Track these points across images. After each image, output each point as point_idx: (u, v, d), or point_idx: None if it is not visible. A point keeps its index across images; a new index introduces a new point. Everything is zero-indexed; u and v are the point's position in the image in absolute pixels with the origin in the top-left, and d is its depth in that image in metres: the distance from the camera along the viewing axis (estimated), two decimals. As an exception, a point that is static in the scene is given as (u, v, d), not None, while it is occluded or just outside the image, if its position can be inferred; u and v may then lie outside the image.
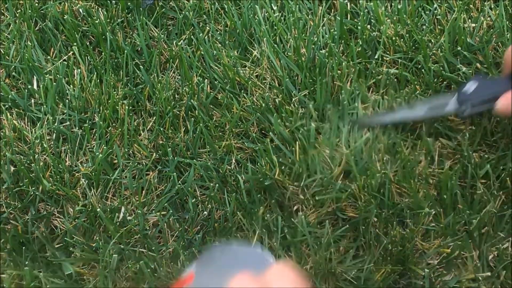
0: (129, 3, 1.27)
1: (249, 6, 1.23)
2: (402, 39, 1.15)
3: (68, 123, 1.12)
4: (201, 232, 1.00)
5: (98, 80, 1.16)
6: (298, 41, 1.17)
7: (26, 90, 1.16)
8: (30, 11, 1.26)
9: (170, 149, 1.06)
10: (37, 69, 1.18)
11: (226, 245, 0.81)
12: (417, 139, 1.05)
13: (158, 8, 1.26)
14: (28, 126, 1.13)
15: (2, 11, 1.28)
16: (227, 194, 1.02)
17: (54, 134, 1.10)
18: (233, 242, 0.98)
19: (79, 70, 1.18)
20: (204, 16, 1.26)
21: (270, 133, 1.07)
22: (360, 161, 1.02)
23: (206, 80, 1.15)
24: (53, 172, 1.05)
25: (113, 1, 1.26)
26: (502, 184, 0.99)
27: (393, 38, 1.14)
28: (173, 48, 1.20)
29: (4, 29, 1.25)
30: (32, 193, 1.03)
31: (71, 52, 1.21)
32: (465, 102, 0.92)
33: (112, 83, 1.15)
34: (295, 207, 1.01)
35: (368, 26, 1.17)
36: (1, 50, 1.22)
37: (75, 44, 1.20)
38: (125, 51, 1.18)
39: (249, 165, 1.04)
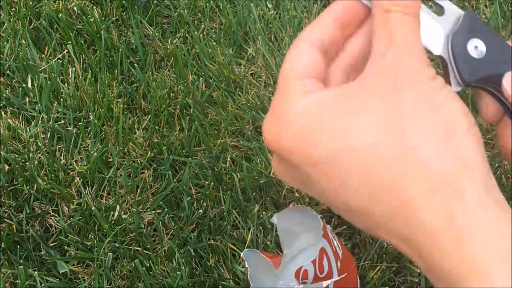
0: (123, 1, 1.26)
1: (244, 4, 1.23)
2: (397, 37, 1.15)
3: (62, 121, 1.11)
4: (196, 230, 0.99)
5: (92, 79, 1.16)
6: (293, 39, 1.16)
7: (21, 89, 1.15)
8: (24, 9, 1.25)
9: (165, 147, 1.06)
10: (32, 68, 1.18)
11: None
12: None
13: (152, 6, 1.26)
14: (22, 124, 1.12)
15: (-4, 10, 1.28)
16: (222, 192, 1.02)
17: (49, 132, 1.10)
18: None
19: (73, 68, 1.18)
20: (199, 14, 1.26)
21: (265, 131, 1.07)
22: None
23: (201, 78, 1.15)
24: (47, 170, 1.05)
25: None
26: (498, 181, 0.99)
27: (388, 36, 1.14)
28: (168, 47, 1.20)
29: (-2, 27, 1.25)
30: (26, 191, 1.03)
31: (66, 51, 1.20)
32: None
33: (107, 81, 1.15)
34: (291, 205, 1.01)
35: (363, 24, 1.17)
36: (-5, 49, 1.22)
37: (69, 42, 1.20)
38: (120, 49, 1.18)
39: (244, 163, 1.04)
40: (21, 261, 0.96)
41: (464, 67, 0.39)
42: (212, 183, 1.02)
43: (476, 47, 0.39)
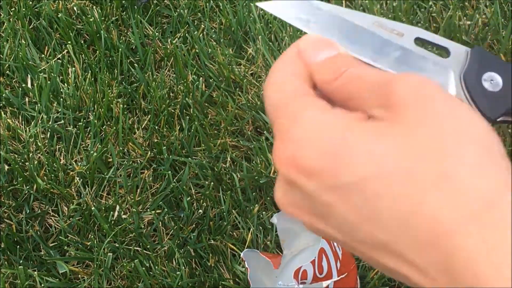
0: (123, 1, 1.26)
1: (244, 4, 1.23)
2: (397, 37, 1.15)
3: (62, 121, 1.11)
4: (196, 230, 0.99)
5: (92, 79, 1.16)
6: (293, 39, 1.16)
7: (20, 89, 1.15)
8: (24, 9, 1.25)
9: (165, 147, 1.06)
10: (31, 68, 1.18)
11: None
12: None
13: (152, 6, 1.26)
14: (22, 124, 1.12)
15: (-4, 10, 1.28)
16: (222, 192, 1.02)
17: (49, 132, 1.10)
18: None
19: (73, 68, 1.18)
20: (199, 14, 1.26)
21: (265, 131, 1.07)
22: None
23: (201, 78, 1.14)
24: (47, 170, 1.05)
25: (108, -1, 1.26)
26: None
27: (388, 36, 1.14)
28: (168, 46, 1.20)
29: (-2, 27, 1.25)
30: (26, 191, 1.03)
31: (66, 51, 1.20)
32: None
33: (106, 81, 1.15)
34: (291, 205, 1.01)
35: (363, 23, 1.17)
36: (-5, 49, 1.22)
37: (69, 42, 1.20)
38: (120, 49, 1.18)
39: (244, 163, 1.04)
40: (21, 261, 0.96)
41: (484, 103, 0.36)
42: (212, 183, 1.02)
43: (492, 81, 0.37)
